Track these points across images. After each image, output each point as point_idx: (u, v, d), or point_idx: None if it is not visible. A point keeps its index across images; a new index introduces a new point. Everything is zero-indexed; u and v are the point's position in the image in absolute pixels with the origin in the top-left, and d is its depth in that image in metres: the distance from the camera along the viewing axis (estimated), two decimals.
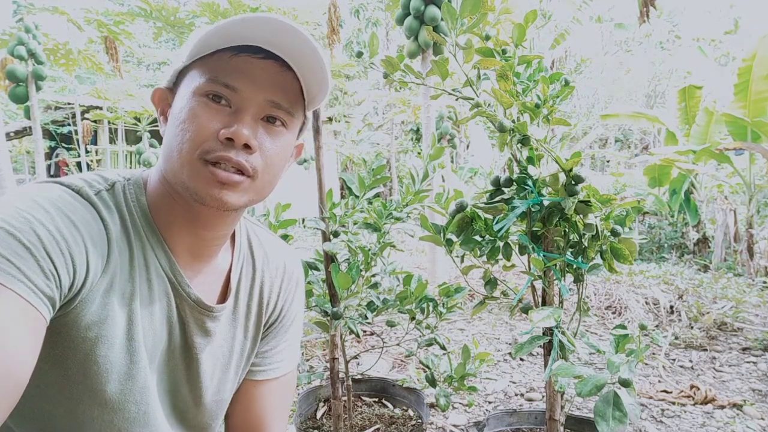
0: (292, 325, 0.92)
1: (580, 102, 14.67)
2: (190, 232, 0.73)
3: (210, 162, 0.66)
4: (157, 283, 0.71)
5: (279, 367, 0.89)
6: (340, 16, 5.73)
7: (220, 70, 0.67)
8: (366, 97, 12.40)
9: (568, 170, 1.40)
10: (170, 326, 0.73)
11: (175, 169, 0.67)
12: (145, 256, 0.70)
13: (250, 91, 0.67)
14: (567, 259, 1.48)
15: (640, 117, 6.90)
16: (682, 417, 2.49)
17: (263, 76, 0.68)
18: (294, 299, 0.91)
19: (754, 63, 5.26)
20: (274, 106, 0.69)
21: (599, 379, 1.22)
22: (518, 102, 1.44)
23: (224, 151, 0.65)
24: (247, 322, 0.84)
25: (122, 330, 0.66)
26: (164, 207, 0.72)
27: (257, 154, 0.68)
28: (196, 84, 0.68)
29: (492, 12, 1.45)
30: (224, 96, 0.67)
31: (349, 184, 2.27)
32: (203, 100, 0.67)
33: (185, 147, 0.66)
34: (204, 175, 0.66)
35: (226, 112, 0.67)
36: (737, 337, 3.61)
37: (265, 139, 0.69)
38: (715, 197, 6.63)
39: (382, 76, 1.56)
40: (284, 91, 0.70)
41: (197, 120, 0.66)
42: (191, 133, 0.66)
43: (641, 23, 5.18)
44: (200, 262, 0.76)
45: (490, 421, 2.02)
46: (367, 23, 17.14)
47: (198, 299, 0.74)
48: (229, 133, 0.65)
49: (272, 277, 0.87)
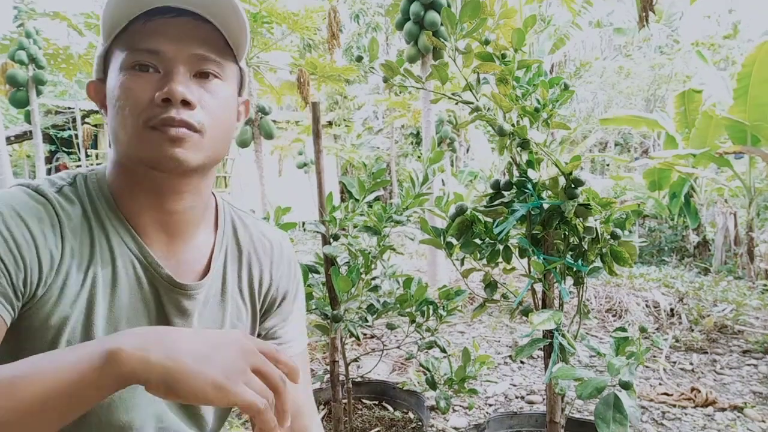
0: (295, 302, 0.91)
1: (580, 106, 14.69)
2: (156, 209, 0.73)
3: (155, 127, 0.66)
4: (125, 267, 0.70)
5: (291, 347, 0.89)
6: (340, 21, 5.75)
7: (138, 39, 0.67)
8: (366, 101, 12.42)
9: (567, 174, 1.40)
10: (147, 309, 0.72)
11: (126, 145, 0.68)
12: (109, 242, 0.70)
13: (173, 50, 0.67)
14: (567, 262, 1.49)
15: (640, 121, 6.92)
16: (683, 420, 2.48)
17: (181, 33, 0.68)
18: (289, 277, 0.90)
19: (753, 68, 5.27)
20: (201, 60, 0.69)
21: (600, 382, 1.23)
22: (518, 106, 1.44)
23: (165, 113, 0.66)
24: (240, 306, 0.83)
25: (82, 316, 0.67)
26: (125, 190, 0.72)
27: (199, 110, 0.68)
28: (119, 61, 0.68)
29: (491, 17, 1.46)
30: (149, 63, 0.67)
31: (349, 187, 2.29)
32: (130, 73, 0.67)
33: (128, 122, 0.66)
34: (154, 139, 0.66)
35: (156, 78, 0.67)
36: (738, 340, 3.61)
37: (203, 95, 0.69)
38: (715, 200, 6.64)
39: (382, 81, 1.57)
40: (207, 42, 0.69)
41: (130, 92, 0.66)
42: (129, 107, 0.66)
43: (640, 28, 5.20)
44: (176, 242, 0.75)
45: (490, 424, 2.02)
46: (366, 28, 17.18)
47: (169, 277, 0.73)
48: (164, 94, 0.65)
49: (260, 258, 0.86)
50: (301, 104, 6.34)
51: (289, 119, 10.92)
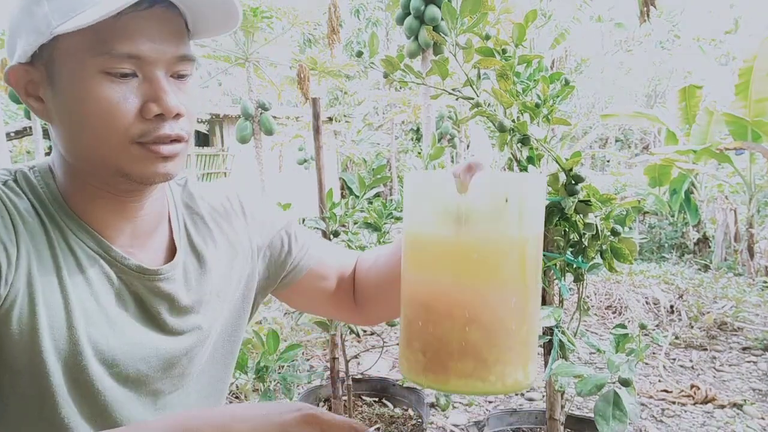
0: (289, 232, 0.86)
1: (580, 102, 14.67)
2: (117, 213, 0.68)
3: (146, 143, 0.61)
4: (91, 265, 0.65)
5: (309, 253, 0.86)
6: (340, 16, 5.74)
7: (112, 39, 0.58)
8: (366, 97, 12.40)
9: (568, 170, 1.40)
10: (125, 304, 0.68)
11: (103, 159, 0.62)
12: (66, 241, 0.64)
13: (154, 54, 0.60)
14: (567, 258, 1.48)
15: (641, 117, 6.90)
16: (683, 416, 2.49)
17: (158, 31, 0.60)
18: (262, 220, 0.85)
19: (755, 63, 5.26)
20: (179, 61, 0.63)
21: (599, 379, 1.22)
22: (518, 102, 1.44)
23: (159, 129, 0.61)
24: (226, 266, 0.79)
25: (63, 320, 0.62)
26: (80, 193, 0.66)
27: (184, 118, 0.64)
28: (87, 62, 0.59)
29: (492, 12, 1.45)
30: (128, 69, 0.60)
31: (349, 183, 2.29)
32: (105, 79, 0.59)
33: (110, 136, 0.60)
34: (147, 158, 0.62)
35: (136, 83, 0.60)
36: (737, 337, 3.61)
37: (183, 98, 0.64)
38: (715, 197, 6.63)
39: (383, 76, 1.57)
40: (180, 37, 0.63)
41: (110, 103, 0.59)
42: (108, 119, 0.59)
43: (641, 23, 5.18)
44: (139, 237, 0.71)
45: (490, 421, 2.02)
46: (367, 23, 17.14)
47: (139, 266, 0.68)
48: (159, 110, 0.60)
49: (220, 217, 0.81)
50: (301, 100, 6.33)
51: (289, 115, 10.91)
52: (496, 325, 0.48)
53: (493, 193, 0.48)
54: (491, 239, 0.48)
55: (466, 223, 0.47)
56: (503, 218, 0.48)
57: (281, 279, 0.86)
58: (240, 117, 6.31)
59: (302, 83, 5.95)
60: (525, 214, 0.49)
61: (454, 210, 0.48)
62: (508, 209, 0.48)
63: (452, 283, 0.49)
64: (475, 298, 0.48)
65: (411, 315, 0.51)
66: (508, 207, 0.48)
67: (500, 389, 0.49)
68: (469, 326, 0.47)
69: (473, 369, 0.48)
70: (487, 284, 0.48)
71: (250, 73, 6.51)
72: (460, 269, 0.48)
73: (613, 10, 14.30)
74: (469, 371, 0.48)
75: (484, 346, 0.48)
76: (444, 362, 0.48)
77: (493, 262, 0.48)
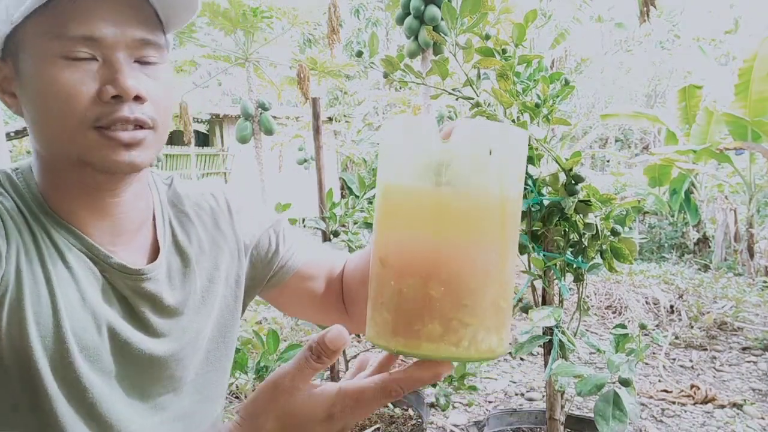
0: (278, 234, 0.85)
1: (580, 102, 14.67)
2: (94, 209, 0.66)
3: (104, 128, 0.59)
4: (76, 263, 0.64)
5: (295, 256, 0.85)
6: (340, 16, 5.73)
7: (69, 22, 0.57)
8: (366, 97, 12.40)
9: (568, 170, 1.40)
10: (110, 302, 0.67)
11: (62, 147, 0.61)
12: (51, 238, 0.64)
13: (113, 35, 0.58)
14: (567, 258, 1.48)
15: (641, 117, 6.90)
16: (683, 416, 2.49)
17: (118, 13, 0.59)
18: (249, 219, 0.83)
19: (754, 63, 5.26)
20: (142, 44, 0.61)
21: (599, 379, 1.23)
22: (518, 101, 1.44)
23: (117, 112, 0.59)
24: (211, 266, 0.77)
25: (50, 317, 0.61)
26: (55, 190, 0.65)
27: (148, 103, 0.61)
28: (45, 47, 0.58)
29: (492, 12, 1.45)
30: (85, 52, 0.58)
31: (349, 183, 2.29)
32: (63, 63, 0.57)
33: (68, 122, 0.58)
34: (106, 144, 0.59)
35: (95, 67, 0.59)
36: (737, 337, 3.61)
37: (149, 84, 0.62)
38: (715, 197, 6.63)
39: (383, 76, 1.57)
40: (145, 22, 0.61)
41: (68, 87, 0.58)
42: (66, 104, 0.58)
43: (641, 23, 5.18)
44: (121, 234, 0.70)
45: (490, 421, 2.02)
46: (367, 23, 17.14)
47: (121, 265, 0.67)
48: (115, 91, 0.58)
49: (206, 216, 0.80)
50: (301, 100, 6.33)
51: (289, 115, 10.91)
52: (472, 284, 0.45)
53: (477, 142, 0.45)
54: (473, 192, 0.45)
55: (447, 173, 0.44)
56: (486, 170, 0.45)
57: (268, 279, 0.84)
58: (240, 117, 6.31)
59: (302, 83, 5.94)
60: (508, 167, 0.46)
61: (436, 159, 0.45)
62: (492, 161, 0.45)
63: (428, 238, 0.46)
64: (451, 255, 0.45)
65: (381, 274, 0.48)
66: (492, 158, 0.45)
67: (474, 355, 0.46)
68: (444, 285, 0.44)
69: (444, 331, 0.45)
70: (465, 240, 0.45)
71: (250, 73, 6.51)
72: (437, 223, 0.45)
73: (613, 10, 14.30)
74: (440, 333, 0.44)
75: (457, 306, 0.45)
76: (414, 324, 0.45)
77: (473, 216, 0.45)
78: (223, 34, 6.37)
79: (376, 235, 0.50)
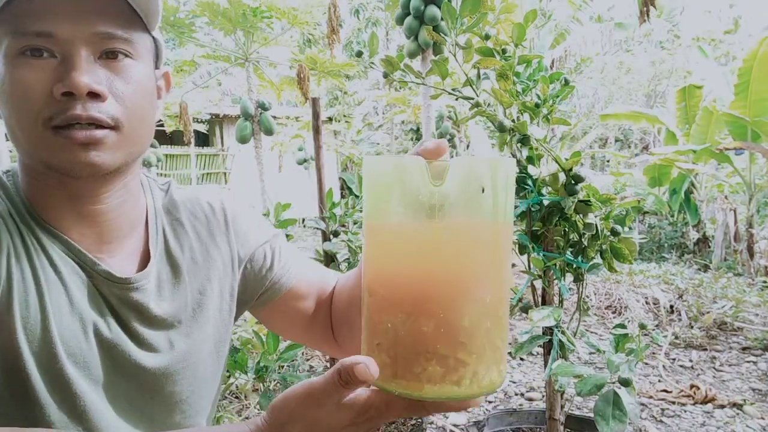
0: (273, 247, 0.83)
1: (580, 102, 14.67)
2: (78, 214, 0.65)
3: (59, 127, 0.57)
4: (64, 268, 0.63)
5: (290, 271, 0.82)
6: (340, 16, 5.73)
7: (24, 19, 0.55)
8: (366, 97, 12.40)
9: (567, 170, 1.40)
10: (99, 308, 0.66)
11: (26, 149, 0.59)
12: (40, 242, 0.62)
13: (69, 30, 0.56)
14: (567, 258, 1.48)
15: (640, 117, 6.91)
16: (682, 416, 2.49)
17: (75, 8, 0.56)
18: (246, 232, 0.81)
19: (754, 63, 5.26)
20: (105, 38, 0.58)
21: (599, 379, 1.23)
22: (518, 101, 1.44)
23: (69, 110, 0.56)
24: (203, 279, 0.75)
25: (38, 321, 0.60)
26: (39, 195, 0.64)
27: (111, 101, 0.58)
28: (6, 45, 0.56)
29: (492, 12, 1.45)
30: (42, 47, 0.56)
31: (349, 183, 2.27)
32: (20, 61, 0.56)
33: (24, 121, 0.57)
34: (60, 144, 0.57)
35: (53, 65, 0.56)
36: (737, 337, 3.61)
37: (114, 80, 0.59)
38: (715, 197, 6.63)
39: (382, 76, 1.56)
40: (110, 16, 0.58)
41: (22, 85, 0.56)
42: (23, 103, 0.56)
43: (641, 23, 5.18)
44: (110, 241, 0.68)
45: (490, 421, 2.02)
46: (366, 23, 17.14)
47: (107, 273, 0.65)
48: (64, 87, 0.55)
49: (201, 226, 0.77)
50: (301, 100, 6.33)
51: (289, 115, 10.91)
52: (472, 320, 0.45)
53: (470, 183, 0.44)
54: (465, 230, 0.45)
55: (440, 212, 0.44)
56: (479, 207, 0.45)
57: (259, 295, 0.82)
58: (240, 117, 6.31)
59: (302, 83, 5.94)
60: (500, 198, 0.46)
61: (427, 199, 0.44)
62: (484, 197, 0.45)
63: (423, 277, 0.45)
64: (447, 293, 0.45)
65: (376, 314, 0.47)
66: (485, 195, 0.45)
67: (476, 392, 0.45)
68: (441, 324, 0.44)
69: (445, 372, 0.44)
70: (460, 277, 0.45)
71: (249, 73, 6.50)
72: (431, 261, 0.45)
73: (613, 10, 14.30)
74: (441, 374, 0.44)
75: (455, 344, 0.44)
76: (414, 367, 0.45)
77: (466, 253, 0.45)
78: (223, 34, 6.38)
79: (367, 275, 0.49)
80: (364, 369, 0.45)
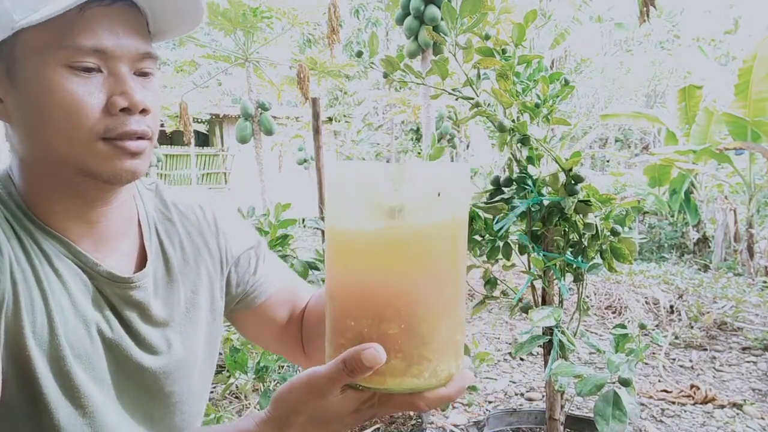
0: (258, 252, 0.85)
1: (580, 102, 14.67)
2: (81, 216, 0.66)
3: (111, 139, 0.60)
4: (65, 270, 0.64)
5: (269, 282, 0.85)
6: (339, 16, 5.73)
7: (76, 33, 0.57)
8: (366, 97, 12.41)
9: (567, 170, 1.40)
10: (101, 309, 0.67)
11: (66, 156, 0.61)
12: (39, 245, 0.63)
13: (119, 49, 0.60)
14: (567, 258, 1.48)
15: (640, 117, 6.91)
16: (682, 416, 2.49)
17: (122, 27, 0.60)
18: (233, 236, 0.83)
19: (754, 63, 5.26)
20: (143, 58, 0.63)
21: (599, 379, 1.23)
22: (518, 102, 1.44)
23: (126, 125, 0.60)
24: (194, 278, 0.77)
25: (45, 324, 0.61)
26: (42, 196, 0.65)
27: (150, 114, 0.63)
28: (50, 56, 0.58)
29: (492, 12, 1.45)
30: (94, 63, 0.59)
31: None
32: (68, 73, 0.58)
33: (75, 133, 0.59)
34: (114, 155, 0.61)
35: (101, 79, 0.60)
36: (737, 337, 3.61)
37: (147, 96, 0.63)
38: (715, 197, 6.63)
39: (382, 76, 1.56)
40: (144, 36, 0.63)
41: (75, 99, 0.58)
42: (76, 116, 0.59)
43: (641, 23, 5.18)
44: (107, 242, 0.69)
45: (490, 421, 2.02)
46: (366, 23, 17.13)
47: (109, 273, 0.67)
48: (125, 103, 0.60)
49: (192, 227, 0.79)
50: (301, 100, 6.33)
51: (289, 115, 10.91)
52: (432, 317, 0.47)
53: (428, 188, 0.48)
54: (424, 230, 0.47)
55: (399, 217, 0.47)
56: (437, 209, 0.48)
57: (239, 300, 0.84)
58: (240, 117, 6.31)
59: (302, 83, 5.94)
60: (455, 203, 0.49)
61: (388, 205, 0.47)
62: (441, 200, 0.48)
63: (385, 278, 0.47)
64: (410, 293, 0.47)
65: (340, 314, 0.50)
66: (441, 199, 0.48)
67: (434, 383, 0.48)
68: (403, 322, 0.47)
69: (407, 366, 0.47)
70: (420, 277, 0.47)
71: (249, 73, 6.51)
72: (392, 263, 0.47)
73: (613, 10, 14.30)
74: (403, 369, 0.47)
75: (418, 343, 0.47)
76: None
77: (426, 252, 0.48)
78: (222, 34, 6.38)
79: (330, 280, 0.52)
80: (373, 353, 0.46)
